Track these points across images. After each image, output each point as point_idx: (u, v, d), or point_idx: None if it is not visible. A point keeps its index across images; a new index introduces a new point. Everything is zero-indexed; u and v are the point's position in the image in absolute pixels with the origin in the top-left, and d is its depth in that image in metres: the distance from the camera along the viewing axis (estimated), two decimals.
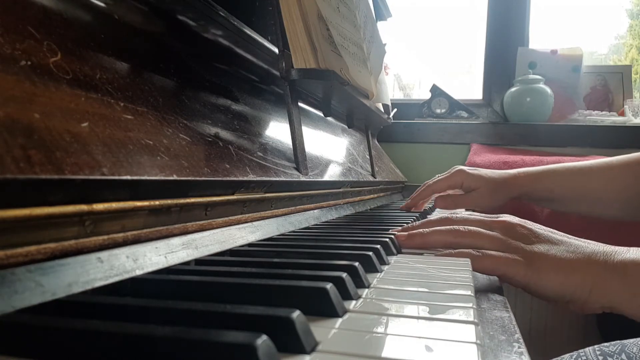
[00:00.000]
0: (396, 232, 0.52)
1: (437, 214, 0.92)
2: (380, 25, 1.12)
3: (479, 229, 0.49)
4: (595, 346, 0.62)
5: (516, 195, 0.90)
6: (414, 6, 1.95)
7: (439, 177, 0.91)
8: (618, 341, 0.49)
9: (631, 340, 0.46)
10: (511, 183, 0.89)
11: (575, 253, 0.46)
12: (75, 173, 0.25)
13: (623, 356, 0.55)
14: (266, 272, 0.31)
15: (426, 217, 0.69)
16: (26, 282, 0.23)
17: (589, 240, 0.49)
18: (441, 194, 0.92)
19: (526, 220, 0.51)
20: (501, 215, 0.54)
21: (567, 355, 0.63)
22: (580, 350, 0.63)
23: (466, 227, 0.49)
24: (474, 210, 0.90)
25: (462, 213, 0.60)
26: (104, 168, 0.27)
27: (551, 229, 0.50)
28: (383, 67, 1.03)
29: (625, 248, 0.47)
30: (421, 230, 0.51)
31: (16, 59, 0.26)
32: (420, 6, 1.98)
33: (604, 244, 0.48)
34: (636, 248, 0.47)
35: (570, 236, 0.49)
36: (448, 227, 0.50)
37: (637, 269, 0.44)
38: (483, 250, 0.45)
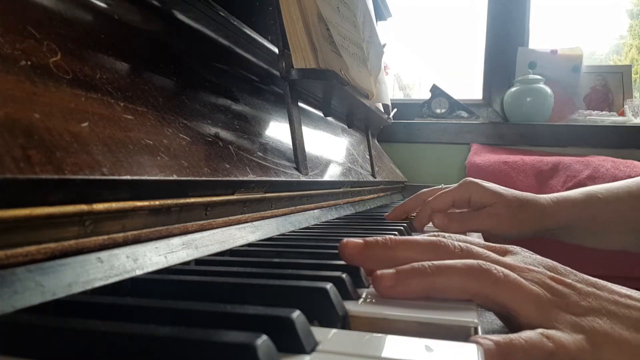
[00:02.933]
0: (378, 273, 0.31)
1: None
2: (380, 25, 1.12)
3: (519, 279, 0.30)
4: None
5: (552, 227, 0.67)
6: (414, 6, 1.95)
7: (443, 190, 0.68)
8: None
9: None
10: (550, 211, 0.65)
11: None
12: (75, 173, 0.25)
13: None
14: (266, 272, 0.31)
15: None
16: (26, 282, 0.23)
17: None
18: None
19: (546, 259, 0.35)
20: (512, 248, 0.37)
21: None
22: None
23: (499, 268, 0.31)
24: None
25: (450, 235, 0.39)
26: (104, 168, 0.27)
27: (589, 278, 0.34)
28: (382, 67, 1.02)
29: None
30: (417, 267, 0.30)
31: (16, 59, 0.26)
32: (420, 6, 1.98)
33: None
34: None
35: (620, 288, 0.33)
36: (465, 263, 0.30)
37: None
38: (549, 334, 0.28)
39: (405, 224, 0.64)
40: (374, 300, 0.29)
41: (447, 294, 0.30)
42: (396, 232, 0.53)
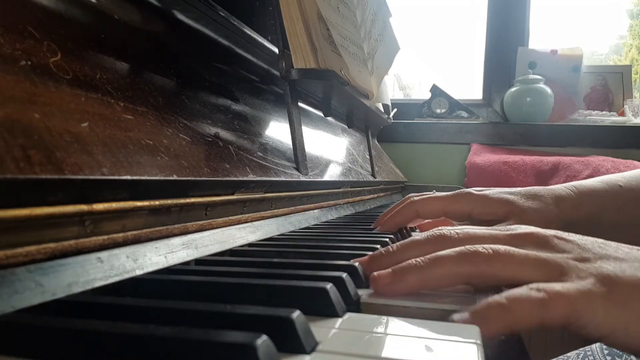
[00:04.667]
0: (375, 274, 0.32)
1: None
2: None
3: (509, 248, 0.30)
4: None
5: (574, 220, 0.58)
6: (414, 6, 1.95)
7: (434, 195, 0.56)
8: None
9: None
10: (572, 201, 0.57)
11: None
12: (75, 173, 0.25)
13: (632, 357, 0.54)
14: (266, 272, 0.31)
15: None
16: (26, 282, 0.23)
17: None
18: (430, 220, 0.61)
19: (556, 231, 0.34)
20: (513, 225, 0.36)
21: (573, 353, 0.63)
22: (586, 348, 0.62)
23: (485, 246, 0.31)
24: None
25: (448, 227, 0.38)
26: (104, 168, 0.27)
27: (593, 238, 0.33)
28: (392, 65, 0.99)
29: None
30: (413, 262, 0.31)
31: (16, 59, 0.26)
32: (420, 6, 1.98)
33: None
34: None
35: (628, 246, 0.32)
36: (455, 250, 0.31)
37: None
38: (544, 287, 0.27)
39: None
40: (374, 300, 0.29)
41: (443, 282, 0.30)
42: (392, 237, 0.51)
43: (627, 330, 0.26)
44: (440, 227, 0.37)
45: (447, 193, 0.56)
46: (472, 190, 0.56)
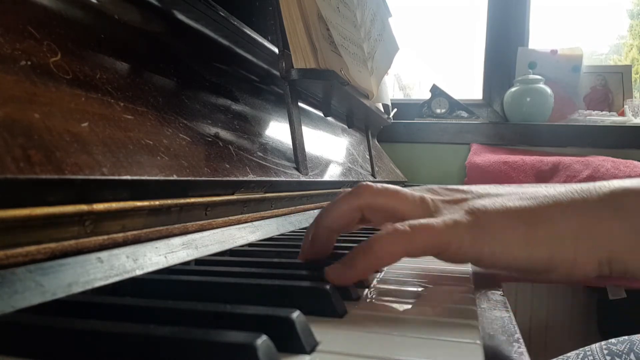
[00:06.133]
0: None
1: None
2: None
3: (398, 188, 0.34)
4: (602, 343, 0.61)
5: None
6: (414, 6, 1.95)
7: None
8: (626, 337, 0.45)
9: (638, 336, 0.43)
10: None
11: (536, 198, 0.31)
12: (75, 173, 0.25)
13: (632, 356, 0.54)
14: (266, 272, 0.31)
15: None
16: (26, 282, 0.23)
17: (545, 184, 0.33)
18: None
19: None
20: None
21: (572, 354, 0.63)
22: (586, 348, 0.62)
23: (379, 184, 0.34)
24: None
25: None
26: (104, 168, 0.27)
27: (483, 185, 0.35)
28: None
29: (604, 181, 0.32)
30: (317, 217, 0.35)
31: (16, 59, 0.26)
32: (420, 6, 1.98)
33: (570, 184, 0.33)
34: (617, 180, 0.32)
35: (516, 185, 0.34)
36: (349, 189, 0.35)
37: (636, 200, 0.30)
38: (409, 222, 0.29)
39: None
40: (374, 300, 0.29)
41: (342, 222, 0.34)
42: None
43: (492, 253, 0.29)
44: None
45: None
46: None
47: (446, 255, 0.30)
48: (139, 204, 0.31)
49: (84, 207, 0.26)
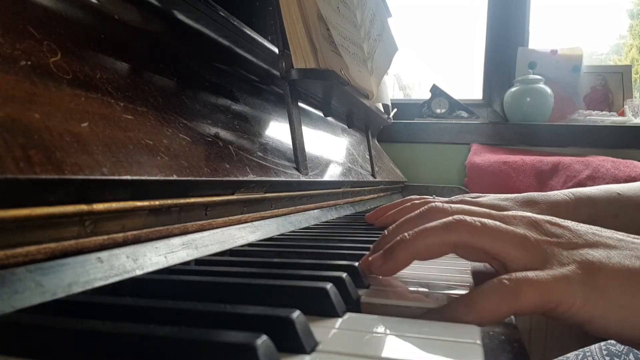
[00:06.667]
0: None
1: None
2: None
3: (497, 224, 0.30)
4: (602, 343, 0.61)
5: None
6: (414, 6, 1.95)
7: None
8: None
9: None
10: (570, 207, 0.56)
11: None
12: (75, 173, 0.25)
13: (631, 357, 0.54)
14: (266, 272, 0.31)
15: None
16: (26, 282, 0.23)
17: None
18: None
19: (552, 217, 0.33)
20: (509, 209, 0.35)
21: (572, 354, 0.63)
22: (586, 349, 0.62)
23: (474, 218, 0.30)
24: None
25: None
26: (104, 168, 0.27)
27: (590, 225, 0.32)
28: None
29: None
30: (399, 238, 0.32)
31: (16, 59, 0.26)
32: (420, 6, 1.98)
33: None
34: None
35: (624, 234, 0.31)
36: (441, 220, 0.31)
37: None
38: (515, 277, 0.27)
39: None
40: (374, 300, 0.29)
41: (431, 252, 0.31)
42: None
43: (605, 317, 0.26)
44: (435, 202, 0.37)
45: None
46: (469, 197, 0.54)
47: (553, 314, 0.27)
48: (139, 204, 0.31)
49: (84, 207, 0.26)
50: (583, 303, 0.26)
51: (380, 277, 0.34)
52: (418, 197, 0.61)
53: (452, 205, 0.35)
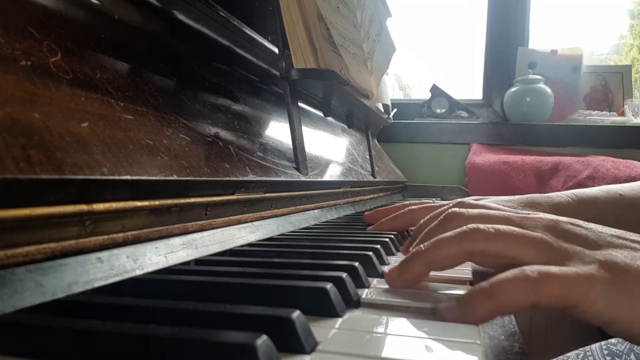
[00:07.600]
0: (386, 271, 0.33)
1: None
2: None
3: (513, 229, 0.30)
4: (602, 343, 0.60)
5: None
6: (414, 6, 1.95)
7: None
8: None
9: None
10: (572, 208, 0.56)
11: None
12: (75, 173, 0.25)
13: (632, 356, 0.54)
14: (266, 272, 0.31)
15: None
16: (26, 282, 0.23)
17: None
18: None
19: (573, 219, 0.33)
20: (531, 211, 0.35)
21: (572, 354, 0.63)
22: (586, 348, 0.62)
23: (488, 225, 0.31)
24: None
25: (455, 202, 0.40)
26: (104, 168, 0.27)
27: (612, 228, 0.32)
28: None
29: None
30: (415, 251, 0.32)
31: (16, 59, 0.26)
32: (420, 6, 1.98)
33: None
34: None
35: None
36: (456, 230, 0.31)
37: None
38: (539, 269, 0.26)
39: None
40: (374, 300, 0.29)
41: (447, 263, 0.31)
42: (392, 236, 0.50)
43: (630, 319, 0.25)
44: (454, 208, 0.37)
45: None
46: (469, 200, 0.53)
47: (574, 311, 0.26)
48: (139, 204, 0.31)
49: (84, 207, 0.26)
50: (607, 303, 0.25)
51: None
52: (417, 202, 0.60)
53: (470, 210, 0.35)
